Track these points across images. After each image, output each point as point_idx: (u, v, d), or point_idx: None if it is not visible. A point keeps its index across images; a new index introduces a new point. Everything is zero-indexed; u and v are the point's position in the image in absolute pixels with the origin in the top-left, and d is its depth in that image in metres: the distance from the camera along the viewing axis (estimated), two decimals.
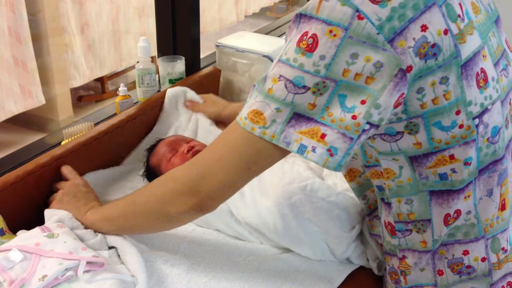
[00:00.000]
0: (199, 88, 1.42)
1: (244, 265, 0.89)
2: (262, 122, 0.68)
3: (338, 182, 0.98)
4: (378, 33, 0.63)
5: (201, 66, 1.58)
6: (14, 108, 2.75)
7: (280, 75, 0.67)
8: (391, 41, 0.63)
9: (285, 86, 0.66)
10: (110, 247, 0.91)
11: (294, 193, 0.92)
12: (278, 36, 1.97)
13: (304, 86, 0.65)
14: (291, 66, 0.66)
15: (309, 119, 0.67)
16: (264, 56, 1.42)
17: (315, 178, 0.94)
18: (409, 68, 0.64)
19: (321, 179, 0.98)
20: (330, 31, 0.63)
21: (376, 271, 0.92)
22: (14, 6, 2.60)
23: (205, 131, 1.23)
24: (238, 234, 0.96)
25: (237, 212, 0.95)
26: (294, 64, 0.66)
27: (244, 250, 0.93)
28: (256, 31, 2.01)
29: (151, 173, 1.12)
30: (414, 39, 0.64)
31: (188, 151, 1.09)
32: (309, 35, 0.65)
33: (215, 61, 1.57)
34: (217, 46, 1.51)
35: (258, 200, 0.93)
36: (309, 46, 0.65)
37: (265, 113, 0.68)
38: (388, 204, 0.80)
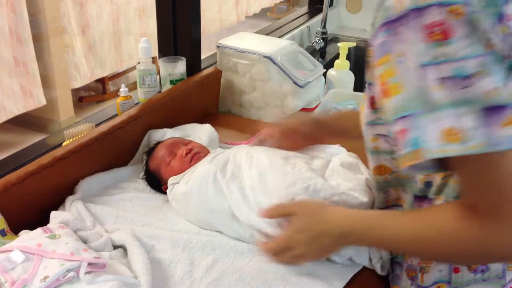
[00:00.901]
0: (200, 89, 1.43)
1: (248, 267, 0.89)
2: (460, 138, 0.60)
3: (341, 182, 0.98)
4: None
5: (202, 67, 1.58)
6: (15, 108, 2.76)
7: (438, 78, 0.60)
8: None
9: (450, 85, 0.60)
10: (117, 247, 0.91)
11: (297, 194, 0.92)
12: (279, 37, 1.97)
13: (468, 76, 0.59)
14: (441, 62, 0.60)
15: (499, 108, 0.59)
16: (265, 56, 1.42)
17: (317, 179, 0.94)
18: None
19: (324, 179, 0.98)
20: (453, 11, 0.59)
21: (379, 271, 0.92)
22: (15, 6, 2.61)
23: None
24: (240, 236, 0.96)
25: (239, 213, 0.95)
26: (442, 59, 0.60)
27: (247, 252, 0.93)
28: (256, 32, 2.01)
29: (151, 177, 1.12)
30: None
31: (186, 154, 1.08)
32: (435, 25, 0.60)
33: (216, 62, 1.57)
34: (218, 47, 1.51)
35: (260, 201, 0.93)
36: (443, 34, 0.59)
37: (456, 127, 0.60)
38: (428, 200, 0.79)
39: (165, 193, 1.08)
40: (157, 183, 1.10)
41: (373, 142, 0.81)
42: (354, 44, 1.81)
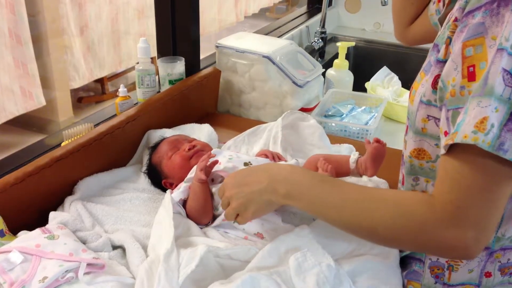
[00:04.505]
0: (199, 89, 1.42)
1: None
2: (483, 129, 0.58)
3: None
4: None
5: (201, 66, 1.58)
6: (15, 109, 2.76)
7: (504, 69, 0.58)
8: None
9: (503, 78, 0.57)
10: (116, 247, 0.91)
11: None
12: (278, 37, 1.97)
13: None
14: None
15: None
16: (264, 56, 1.42)
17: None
18: None
19: None
20: None
21: None
22: (14, 7, 2.61)
23: None
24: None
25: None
26: None
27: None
28: (255, 32, 2.01)
29: (153, 170, 1.12)
30: None
31: (189, 149, 1.09)
32: None
33: (215, 62, 1.57)
34: (217, 47, 1.51)
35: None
36: None
37: (488, 117, 0.58)
38: None
39: (164, 189, 1.08)
40: (157, 177, 1.10)
41: (422, 122, 0.77)
42: (353, 43, 1.82)
